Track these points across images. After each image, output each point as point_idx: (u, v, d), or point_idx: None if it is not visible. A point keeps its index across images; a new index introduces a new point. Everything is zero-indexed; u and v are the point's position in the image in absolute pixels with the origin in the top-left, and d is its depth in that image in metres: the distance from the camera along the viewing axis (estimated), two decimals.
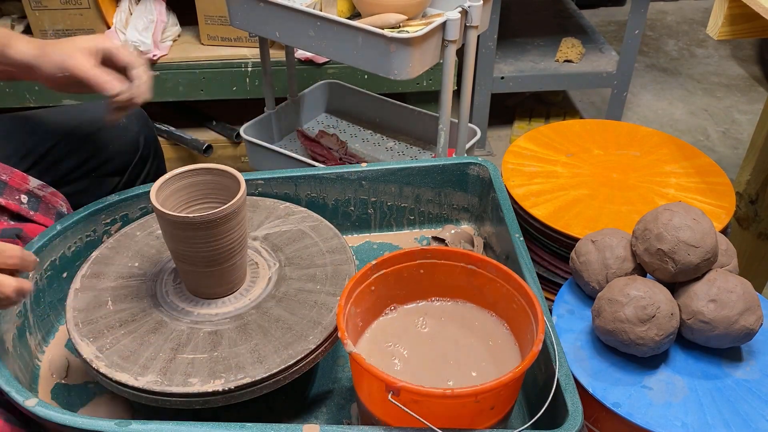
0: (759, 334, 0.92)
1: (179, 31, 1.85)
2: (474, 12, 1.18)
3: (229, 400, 0.72)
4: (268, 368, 0.73)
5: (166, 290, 0.84)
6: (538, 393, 0.78)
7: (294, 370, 0.75)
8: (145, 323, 0.79)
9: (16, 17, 1.76)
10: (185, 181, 0.81)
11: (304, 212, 0.97)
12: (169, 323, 0.80)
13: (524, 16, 2.37)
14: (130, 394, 0.73)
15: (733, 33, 1.13)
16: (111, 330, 0.78)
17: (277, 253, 0.90)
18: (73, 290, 0.83)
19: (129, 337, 0.77)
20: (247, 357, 0.75)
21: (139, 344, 0.76)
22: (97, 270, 0.86)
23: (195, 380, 0.72)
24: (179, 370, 0.73)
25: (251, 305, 0.82)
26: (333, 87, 1.71)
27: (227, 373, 0.73)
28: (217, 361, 0.74)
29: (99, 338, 0.77)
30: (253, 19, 1.28)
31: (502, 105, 2.35)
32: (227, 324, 0.80)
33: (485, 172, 1.02)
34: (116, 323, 0.79)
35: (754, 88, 2.56)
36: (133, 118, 1.19)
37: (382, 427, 0.68)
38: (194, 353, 0.75)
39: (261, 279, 0.86)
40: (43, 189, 0.96)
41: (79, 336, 0.77)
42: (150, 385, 0.72)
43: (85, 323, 0.79)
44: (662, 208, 0.91)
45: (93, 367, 0.74)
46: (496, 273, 0.77)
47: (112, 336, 0.77)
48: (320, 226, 0.94)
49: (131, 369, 0.73)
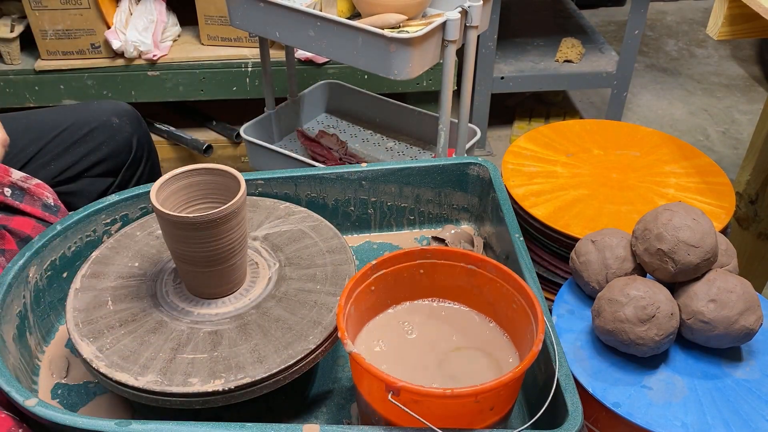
0: (759, 334, 0.92)
1: (179, 31, 1.85)
2: (474, 12, 1.18)
3: (229, 400, 0.72)
4: (268, 368, 0.73)
5: (166, 290, 0.84)
6: (538, 393, 0.78)
7: (294, 370, 0.75)
8: (145, 323, 0.79)
9: (16, 17, 1.77)
10: (185, 181, 0.81)
11: (305, 212, 0.97)
12: (169, 323, 0.80)
13: (524, 16, 2.37)
14: (130, 394, 0.73)
15: (733, 33, 1.13)
16: (111, 330, 0.78)
17: (277, 253, 0.90)
18: (73, 290, 0.83)
19: (129, 337, 0.77)
20: (247, 357, 0.75)
21: (139, 344, 0.76)
22: (98, 270, 0.86)
23: (195, 380, 0.72)
24: (179, 370, 0.73)
25: (251, 305, 0.82)
26: (333, 87, 1.72)
27: (227, 373, 0.73)
28: (217, 361, 0.74)
29: (99, 338, 0.77)
30: (253, 19, 1.28)
31: (502, 105, 2.35)
32: (227, 324, 0.80)
33: (485, 172, 1.02)
34: (116, 323, 0.79)
35: (754, 88, 2.56)
36: (126, 119, 1.19)
37: (382, 427, 0.68)
38: (194, 353, 0.75)
39: (261, 279, 0.86)
40: (26, 181, 0.96)
41: (79, 336, 0.77)
42: (150, 385, 0.72)
43: (85, 323, 0.79)
44: (662, 208, 0.91)
45: (93, 367, 0.74)
46: (496, 273, 0.77)
47: (112, 336, 0.77)
48: (320, 226, 0.94)
49: (131, 369, 0.73)
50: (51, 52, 1.74)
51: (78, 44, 1.73)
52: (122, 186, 1.19)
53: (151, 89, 1.79)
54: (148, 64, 1.76)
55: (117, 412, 0.81)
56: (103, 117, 1.17)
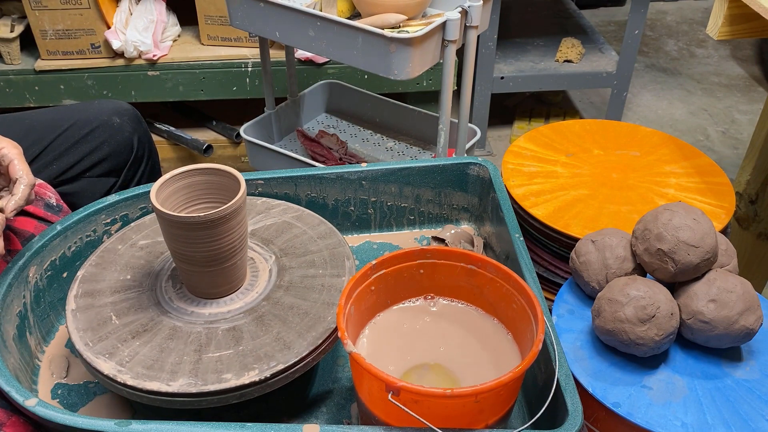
0: (759, 334, 0.92)
1: (179, 31, 1.85)
2: (474, 12, 1.18)
3: (264, 390, 0.73)
4: (297, 352, 0.75)
5: (169, 297, 0.83)
6: (538, 393, 0.78)
7: (321, 350, 0.77)
8: (158, 331, 0.79)
9: (16, 17, 1.77)
10: (185, 181, 0.81)
11: (284, 204, 0.98)
12: (183, 327, 0.79)
13: (524, 16, 2.37)
14: (163, 401, 0.72)
15: (733, 33, 1.13)
16: (125, 343, 0.77)
17: (269, 245, 0.91)
18: (70, 311, 0.81)
19: (146, 347, 0.76)
20: (274, 346, 0.76)
21: (159, 352, 0.76)
22: (90, 288, 0.84)
23: (229, 375, 0.72)
24: (210, 368, 0.74)
25: (260, 298, 0.83)
26: (333, 87, 1.72)
27: (259, 363, 0.74)
28: (244, 354, 0.75)
29: (115, 353, 0.75)
30: (253, 19, 1.28)
31: (502, 105, 2.35)
32: (242, 319, 0.80)
33: (485, 172, 1.02)
34: (128, 336, 0.78)
35: (753, 88, 2.56)
36: (127, 119, 1.19)
37: (382, 427, 0.68)
38: (219, 351, 0.76)
39: (262, 272, 0.87)
40: None
41: (93, 354, 0.75)
42: (184, 387, 0.71)
43: (95, 341, 0.77)
44: (662, 208, 0.91)
45: (118, 381, 0.72)
46: (496, 273, 0.77)
47: (129, 349, 0.76)
48: (303, 215, 0.95)
49: (160, 376, 0.73)
50: (51, 52, 1.74)
51: (78, 44, 1.73)
52: (124, 186, 1.19)
53: (151, 89, 1.79)
54: (148, 64, 1.76)
55: (117, 412, 0.81)
56: (103, 116, 1.17)
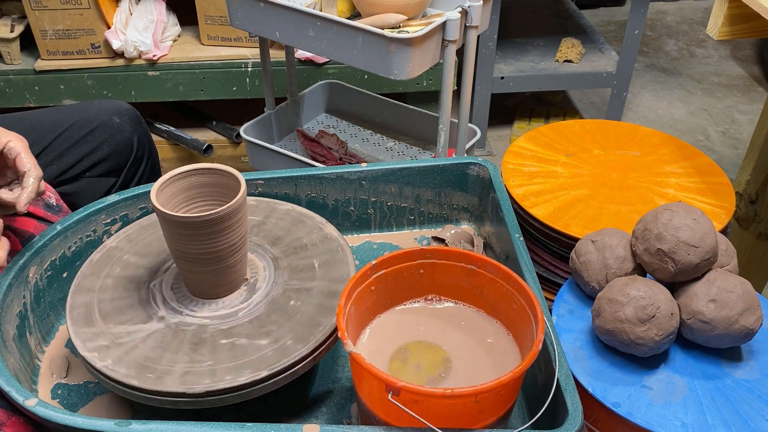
0: (759, 334, 0.92)
1: (179, 31, 1.85)
2: (474, 12, 1.18)
3: (264, 390, 0.73)
4: (297, 352, 0.75)
5: (168, 296, 0.83)
6: (538, 393, 0.78)
7: (321, 350, 0.77)
8: (157, 330, 0.79)
9: (16, 17, 1.77)
10: (185, 181, 0.81)
11: (285, 204, 0.98)
12: (182, 326, 0.79)
13: (524, 16, 2.37)
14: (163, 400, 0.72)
15: (733, 33, 1.13)
16: (124, 342, 0.77)
17: (269, 245, 0.91)
18: (70, 311, 0.81)
19: (145, 346, 0.76)
20: (273, 345, 0.76)
21: (158, 351, 0.76)
22: (89, 288, 0.84)
23: (228, 375, 0.73)
24: (208, 368, 0.74)
25: (260, 298, 0.83)
26: (333, 87, 1.72)
27: (258, 363, 0.74)
28: (244, 354, 0.75)
29: (114, 352, 0.76)
30: (253, 19, 1.28)
31: (502, 105, 2.35)
32: (242, 318, 0.80)
33: (485, 172, 1.02)
34: (127, 335, 0.78)
35: (753, 88, 2.56)
36: (127, 118, 1.19)
37: (382, 427, 0.68)
38: (218, 350, 0.76)
39: (261, 272, 0.87)
40: None
41: (90, 353, 0.76)
42: (184, 387, 0.71)
43: (93, 340, 0.77)
44: (662, 208, 0.91)
45: (116, 380, 0.73)
46: (496, 273, 0.77)
47: (127, 347, 0.76)
48: (303, 215, 0.96)
49: (158, 376, 0.73)
50: (51, 52, 1.74)
51: (78, 44, 1.73)
52: (124, 186, 1.19)
53: (151, 89, 1.79)
54: (148, 64, 1.76)
55: (117, 412, 0.81)
56: (103, 116, 1.17)
